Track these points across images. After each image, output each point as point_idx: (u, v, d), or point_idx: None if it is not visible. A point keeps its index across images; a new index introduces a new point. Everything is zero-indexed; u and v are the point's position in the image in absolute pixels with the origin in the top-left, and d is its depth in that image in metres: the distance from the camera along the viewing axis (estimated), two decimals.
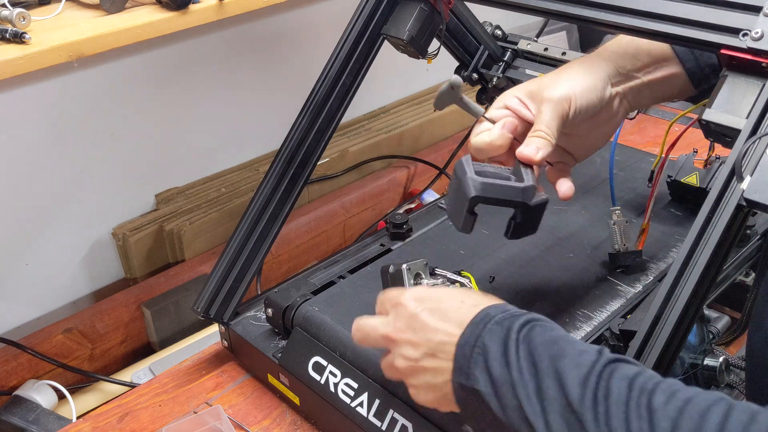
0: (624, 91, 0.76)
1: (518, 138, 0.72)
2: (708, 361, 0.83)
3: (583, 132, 0.75)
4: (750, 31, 0.64)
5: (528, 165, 0.69)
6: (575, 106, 0.71)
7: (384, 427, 0.75)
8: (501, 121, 0.71)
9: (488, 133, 0.71)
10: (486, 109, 0.74)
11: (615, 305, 0.84)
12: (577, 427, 0.50)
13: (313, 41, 1.43)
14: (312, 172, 0.94)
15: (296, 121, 0.94)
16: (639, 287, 0.87)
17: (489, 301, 0.62)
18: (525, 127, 0.72)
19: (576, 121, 0.72)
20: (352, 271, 0.94)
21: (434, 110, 0.76)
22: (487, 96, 1.11)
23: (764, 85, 0.62)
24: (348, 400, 0.78)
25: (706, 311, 0.94)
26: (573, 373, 0.52)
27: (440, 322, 0.61)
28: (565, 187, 0.73)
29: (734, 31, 0.65)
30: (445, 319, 0.61)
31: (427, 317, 0.62)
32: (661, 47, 0.76)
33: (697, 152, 1.00)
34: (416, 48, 0.91)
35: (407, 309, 0.64)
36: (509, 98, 0.73)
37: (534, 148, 0.68)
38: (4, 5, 1.00)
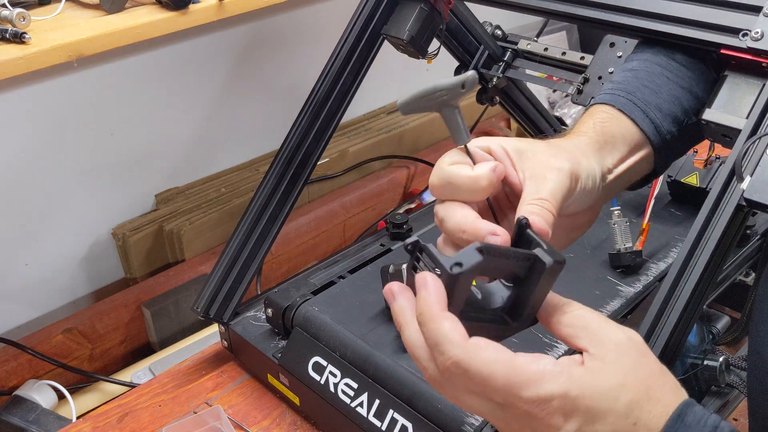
0: (604, 187, 0.63)
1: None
2: (708, 361, 0.83)
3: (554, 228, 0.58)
4: (750, 31, 0.64)
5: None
6: (580, 186, 0.57)
7: (384, 427, 0.75)
8: (491, 163, 0.54)
9: (470, 168, 0.54)
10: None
11: (615, 305, 0.84)
12: None
13: (313, 41, 1.43)
14: (312, 172, 0.94)
15: (296, 121, 0.94)
16: (639, 287, 0.86)
17: (665, 406, 0.46)
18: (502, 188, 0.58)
19: (568, 209, 0.58)
20: (352, 271, 0.94)
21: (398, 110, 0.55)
22: (487, 96, 1.11)
23: (764, 85, 0.62)
24: (348, 400, 0.78)
25: (706, 311, 0.94)
26: None
27: None
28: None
29: (734, 31, 0.65)
30: None
31: None
32: (632, 131, 0.65)
33: (697, 152, 1.00)
34: (416, 48, 0.91)
35: (543, 420, 0.45)
36: (494, 144, 0.57)
37: (542, 219, 0.51)
38: (4, 5, 1.00)
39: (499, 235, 0.51)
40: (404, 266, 0.79)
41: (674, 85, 0.70)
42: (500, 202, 0.59)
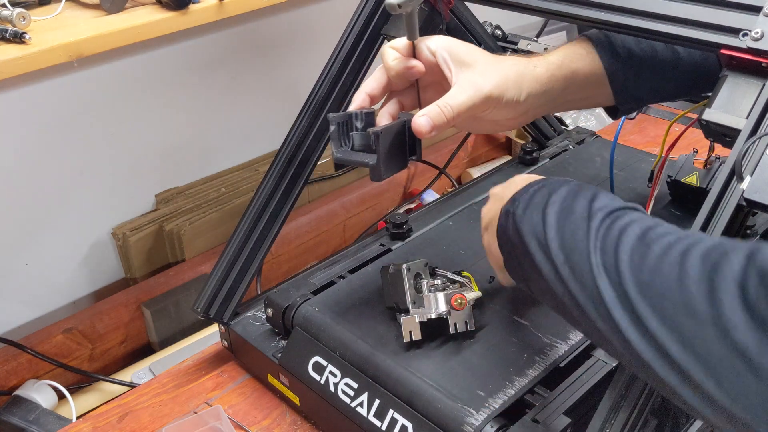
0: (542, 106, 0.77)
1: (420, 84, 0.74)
2: None
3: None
4: (750, 31, 0.64)
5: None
6: (494, 107, 0.71)
7: (384, 427, 0.75)
8: (410, 63, 0.71)
9: (396, 56, 0.71)
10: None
11: None
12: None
13: (313, 41, 1.43)
14: (312, 172, 0.94)
15: (296, 121, 0.94)
16: None
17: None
18: (434, 80, 0.73)
19: (485, 115, 0.72)
20: (352, 271, 0.94)
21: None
22: None
23: (764, 85, 0.62)
24: (348, 400, 0.78)
25: None
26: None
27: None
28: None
29: (734, 31, 0.65)
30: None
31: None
32: (596, 67, 0.79)
33: (697, 152, 1.00)
34: None
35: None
36: (441, 51, 0.71)
37: (428, 121, 0.67)
38: (4, 5, 1.01)
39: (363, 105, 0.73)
40: (404, 266, 0.79)
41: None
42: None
